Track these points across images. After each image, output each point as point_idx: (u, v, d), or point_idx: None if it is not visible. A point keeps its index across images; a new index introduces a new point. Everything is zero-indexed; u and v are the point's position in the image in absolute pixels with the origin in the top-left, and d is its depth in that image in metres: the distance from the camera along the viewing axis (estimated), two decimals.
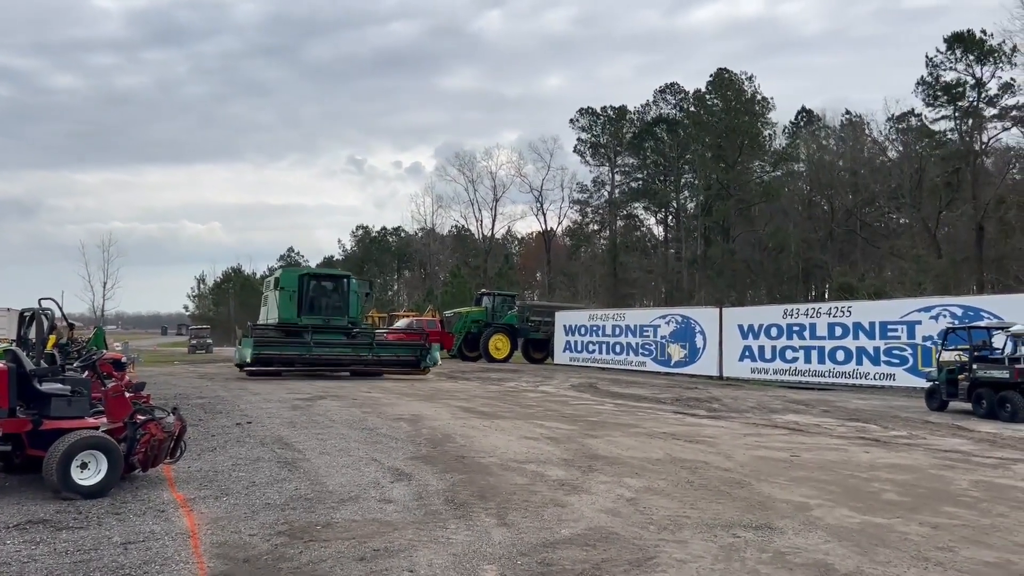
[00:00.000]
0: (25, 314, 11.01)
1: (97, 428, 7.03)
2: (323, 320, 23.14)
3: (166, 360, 39.88)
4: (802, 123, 60.64)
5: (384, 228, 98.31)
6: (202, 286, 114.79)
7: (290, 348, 22.26)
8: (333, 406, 14.70)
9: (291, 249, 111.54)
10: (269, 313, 24.40)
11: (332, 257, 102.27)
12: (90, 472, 6.70)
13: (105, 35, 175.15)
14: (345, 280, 24.58)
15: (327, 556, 5.22)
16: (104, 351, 15.79)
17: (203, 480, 7.62)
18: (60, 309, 13.82)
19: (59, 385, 7.26)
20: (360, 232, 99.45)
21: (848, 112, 56.30)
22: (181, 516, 6.22)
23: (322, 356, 22.37)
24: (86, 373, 8.55)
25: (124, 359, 15.74)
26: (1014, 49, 39.61)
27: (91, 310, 71.97)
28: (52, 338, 12.42)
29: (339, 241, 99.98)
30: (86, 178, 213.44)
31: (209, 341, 58.26)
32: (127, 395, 7.78)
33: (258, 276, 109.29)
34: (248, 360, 21.04)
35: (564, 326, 33.21)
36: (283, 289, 23.19)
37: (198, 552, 5.28)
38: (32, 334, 10.57)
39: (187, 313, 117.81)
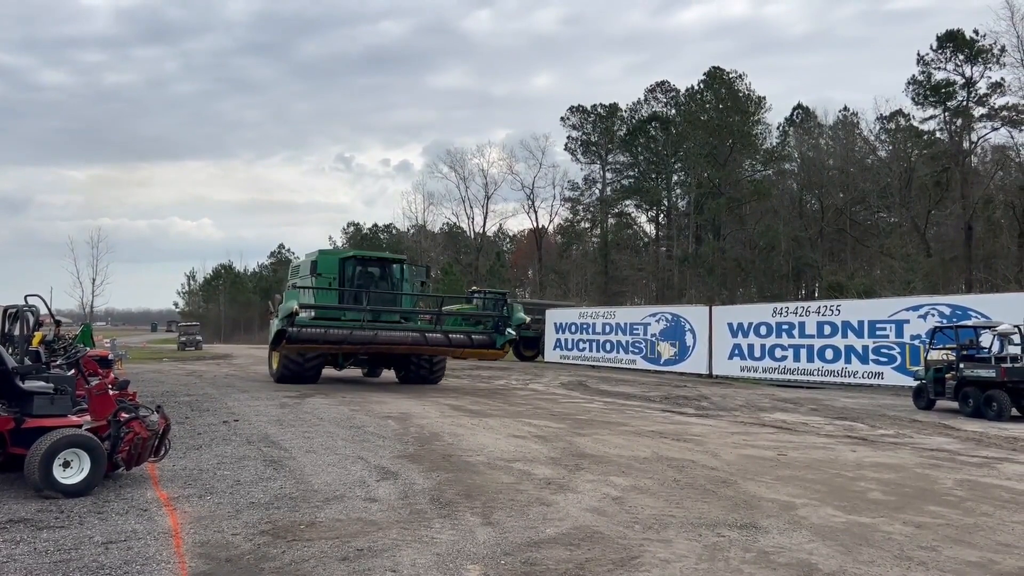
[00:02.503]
0: (9, 311, 10.96)
1: (80, 426, 6.97)
2: (371, 315, 18.61)
3: (155, 357, 39.71)
4: (798, 119, 60.74)
5: (375, 225, 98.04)
6: (192, 283, 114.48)
7: (339, 323, 17.70)
8: (321, 403, 14.65)
9: (282, 245, 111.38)
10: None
11: None
12: (72, 471, 6.64)
13: (95, 32, 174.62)
14: (397, 265, 20.66)
15: (310, 556, 5.19)
16: (89, 348, 15.71)
17: (187, 479, 7.58)
18: (47, 306, 13.78)
19: (42, 383, 7.21)
20: (351, 229, 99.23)
21: (846, 108, 56.48)
22: (164, 515, 6.18)
23: (380, 332, 17.70)
24: (71, 371, 8.51)
25: (111, 356, 15.62)
26: (1003, 50, 39.75)
27: (80, 306, 71.69)
28: (38, 335, 12.37)
29: (330, 238, 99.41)
30: (76, 174, 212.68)
31: (199, 338, 57.94)
32: (111, 393, 7.72)
33: (249, 272, 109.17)
34: (295, 310, 16.42)
35: (555, 324, 33.24)
36: (320, 275, 19.04)
37: (180, 552, 5.24)
38: (17, 331, 10.53)
39: (177, 309, 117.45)
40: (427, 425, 11.88)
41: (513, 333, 19.16)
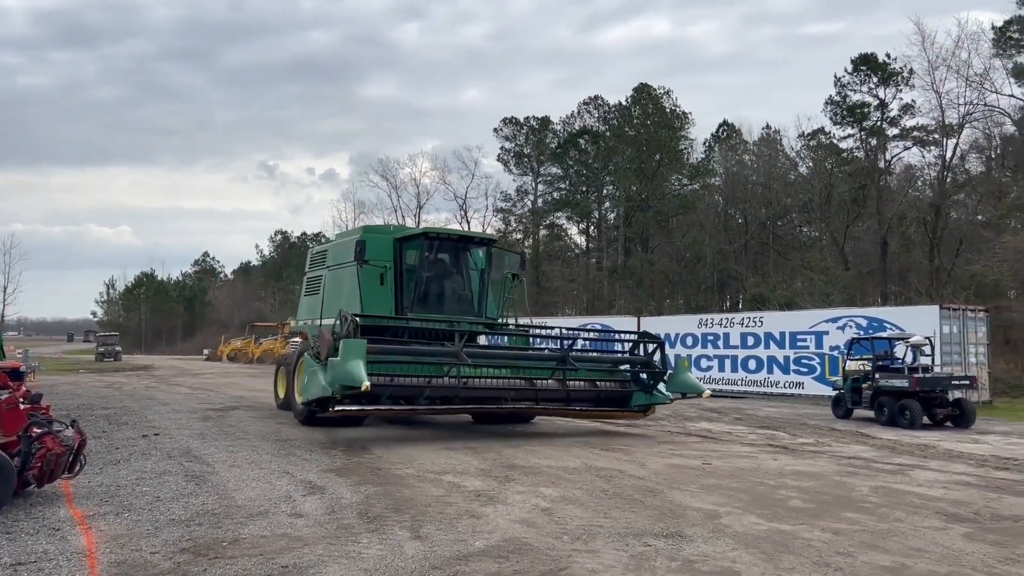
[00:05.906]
0: None
1: None
2: (447, 324, 13.00)
3: (71, 368, 38.20)
4: (722, 135, 62.31)
5: (304, 234, 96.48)
6: (112, 291, 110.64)
7: (412, 366, 11.67)
8: (247, 416, 14.32)
9: (206, 254, 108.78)
10: (330, 309, 13.86)
11: (250, 263, 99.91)
12: None
13: (9, 34, 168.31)
14: (476, 250, 14.76)
15: (232, 574, 5.06)
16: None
17: (104, 496, 7.31)
18: None
19: None
20: (279, 238, 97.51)
21: (768, 126, 58.30)
22: (78, 534, 5.94)
23: (473, 383, 11.91)
24: None
25: (23, 368, 14.97)
26: (911, 72, 41.62)
27: None
28: None
29: (256, 247, 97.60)
30: None
31: (118, 348, 56.05)
32: (22, 406, 7.39)
33: (173, 281, 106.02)
34: (360, 384, 10.02)
35: None
36: (368, 264, 13.37)
37: (94, 572, 5.05)
38: None
39: (95, 319, 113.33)
40: (356, 438, 11.73)
41: (668, 397, 13.36)
